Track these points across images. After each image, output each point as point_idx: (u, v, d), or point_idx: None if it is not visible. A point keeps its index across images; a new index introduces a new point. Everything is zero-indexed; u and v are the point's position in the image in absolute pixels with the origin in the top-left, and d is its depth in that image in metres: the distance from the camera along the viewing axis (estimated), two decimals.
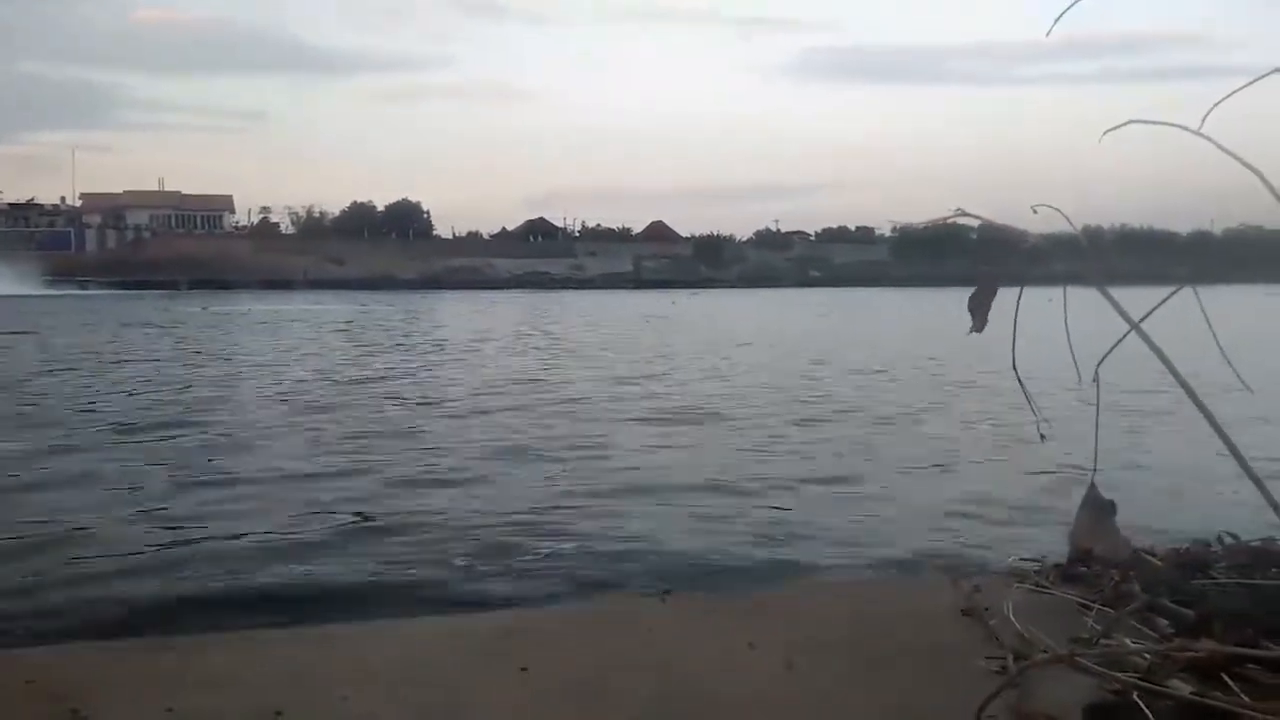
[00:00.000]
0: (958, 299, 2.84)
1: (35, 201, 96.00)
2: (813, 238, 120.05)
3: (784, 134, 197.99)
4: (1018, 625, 3.02)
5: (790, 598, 3.90)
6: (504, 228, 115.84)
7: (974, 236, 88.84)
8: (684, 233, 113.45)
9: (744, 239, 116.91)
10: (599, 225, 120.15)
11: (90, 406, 11.47)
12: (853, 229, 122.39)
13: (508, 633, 3.41)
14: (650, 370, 15.94)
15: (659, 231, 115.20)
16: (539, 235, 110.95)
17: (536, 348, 21.51)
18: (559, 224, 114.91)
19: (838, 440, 8.72)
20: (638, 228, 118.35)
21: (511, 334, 27.04)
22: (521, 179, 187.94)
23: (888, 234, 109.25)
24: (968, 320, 2.69)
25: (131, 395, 12.64)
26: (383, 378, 15.14)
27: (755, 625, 3.39)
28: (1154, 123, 2.76)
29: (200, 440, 8.95)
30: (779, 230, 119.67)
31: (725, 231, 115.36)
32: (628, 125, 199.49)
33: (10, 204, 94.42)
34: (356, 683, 2.92)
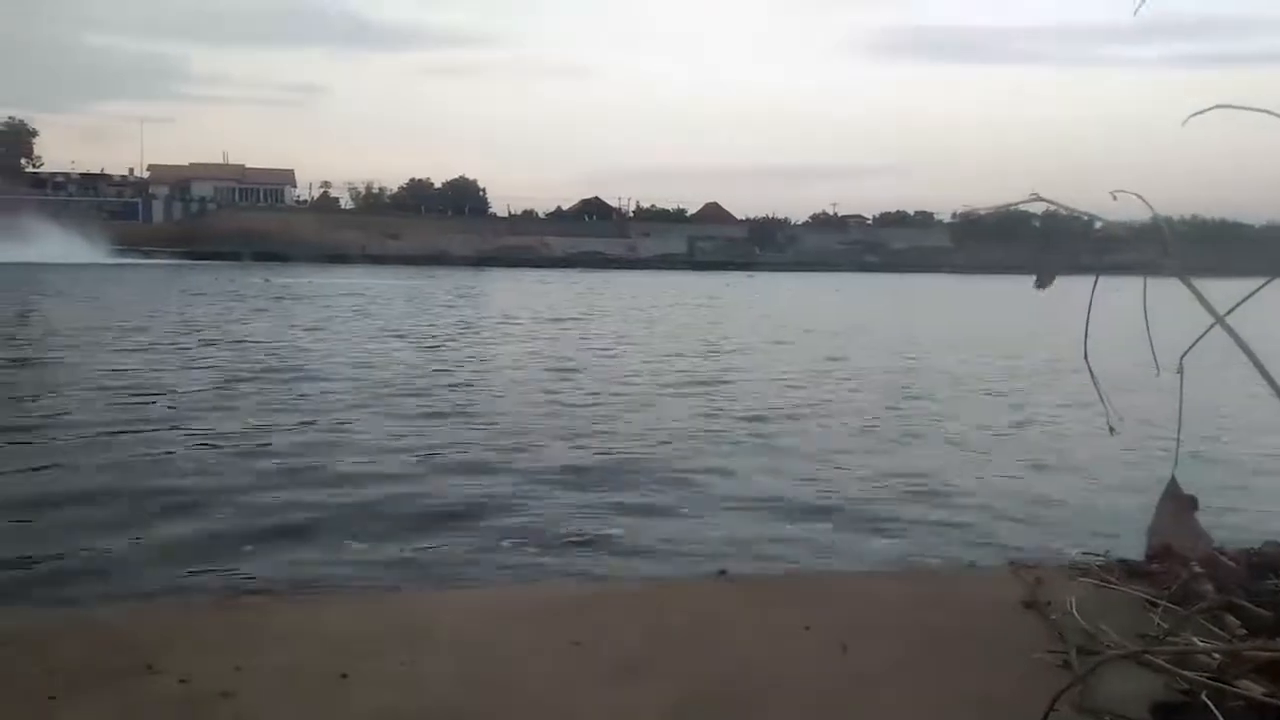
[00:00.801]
0: (1023, 286, 2.80)
1: (105, 172, 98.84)
2: (870, 222, 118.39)
3: (844, 114, 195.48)
4: (1081, 620, 2.97)
5: (850, 581, 3.88)
6: (559, 206, 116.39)
7: (1037, 224, 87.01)
8: (739, 214, 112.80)
9: (799, 222, 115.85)
10: (654, 205, 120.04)
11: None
12: (911, 213, 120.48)
13: (564, 606, 3.45)
14: (728, 364, 15.93)
15: (714, 212, 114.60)
16: (593, 215, 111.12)
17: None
18: (614, 204, 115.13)
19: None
20: (693, 208, 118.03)
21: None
22: (578, 157, 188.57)
23: (947, 219, 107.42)
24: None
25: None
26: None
27: (812, 607, 3.39)
28: (1243, 108, 2.67)
29: None
30: (836, 213, 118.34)
31: (781, 213, 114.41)
32: (686, 103, 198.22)
33: (82, 174, 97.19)
34: (417, 649, 2.98)
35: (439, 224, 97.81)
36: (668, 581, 3.96)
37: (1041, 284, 2.68)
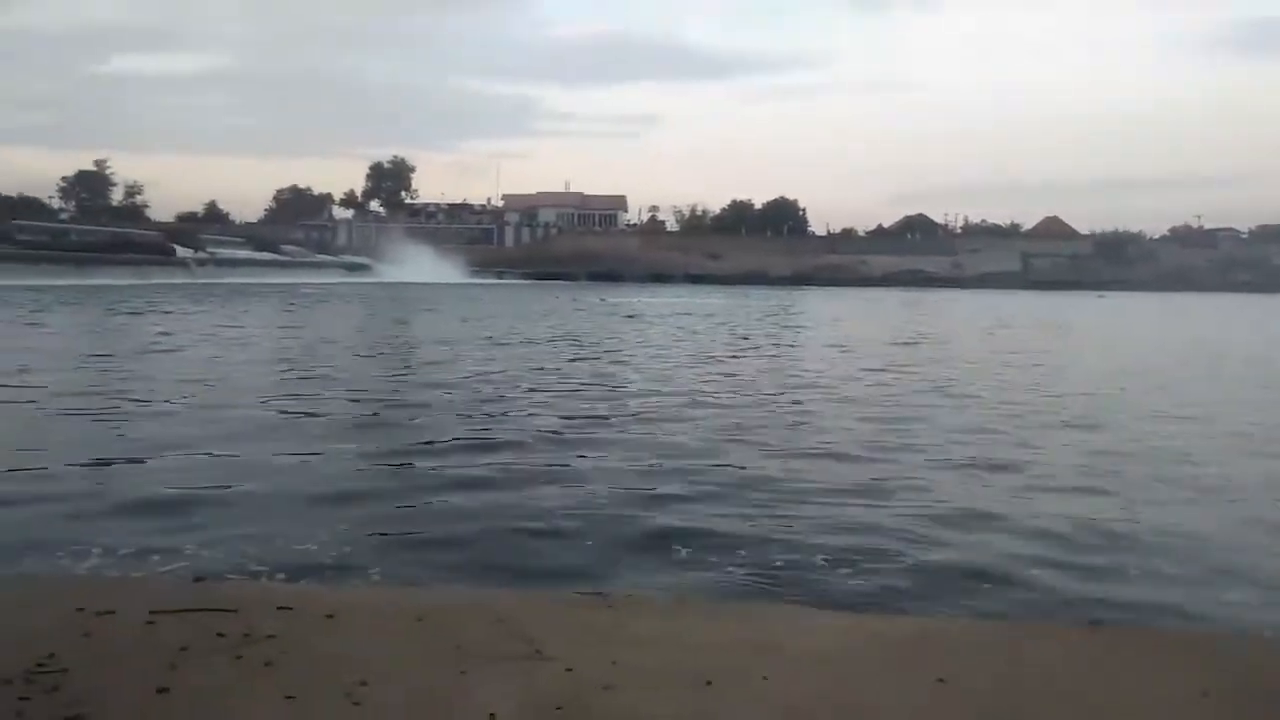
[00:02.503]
0: None
1: (467, 202, 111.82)
2: (1244, 235, 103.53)
3: (1204, 116, 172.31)
4: None
5: (1257, 642, 3.41)
6: (880, 224, 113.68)
7: None
8: (1081, 228, 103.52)
9: (1155, 236, 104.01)
10: (983, 221, 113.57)
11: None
12: None
13: (921, 639, 3.35)
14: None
15: (1052, 227, 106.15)
16: (916, 232, 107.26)
17: None
18: (938, 220, 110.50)
19: None
20: (1028, 223, 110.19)
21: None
22: (900, 174, 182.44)
23: None
24: None
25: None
26: None
27: (1202, 668, 3.02)
28: None
29: None
30: (1200, 226, 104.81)
31: (1132, 227, 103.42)
32: (1017, 113, 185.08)
33: (449, 204, 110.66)
34: (775, 666, 3.03)
35: (758, 244, 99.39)
36: (1036, 624, 3.70)
37: None
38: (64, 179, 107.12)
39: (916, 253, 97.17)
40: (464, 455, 7.03)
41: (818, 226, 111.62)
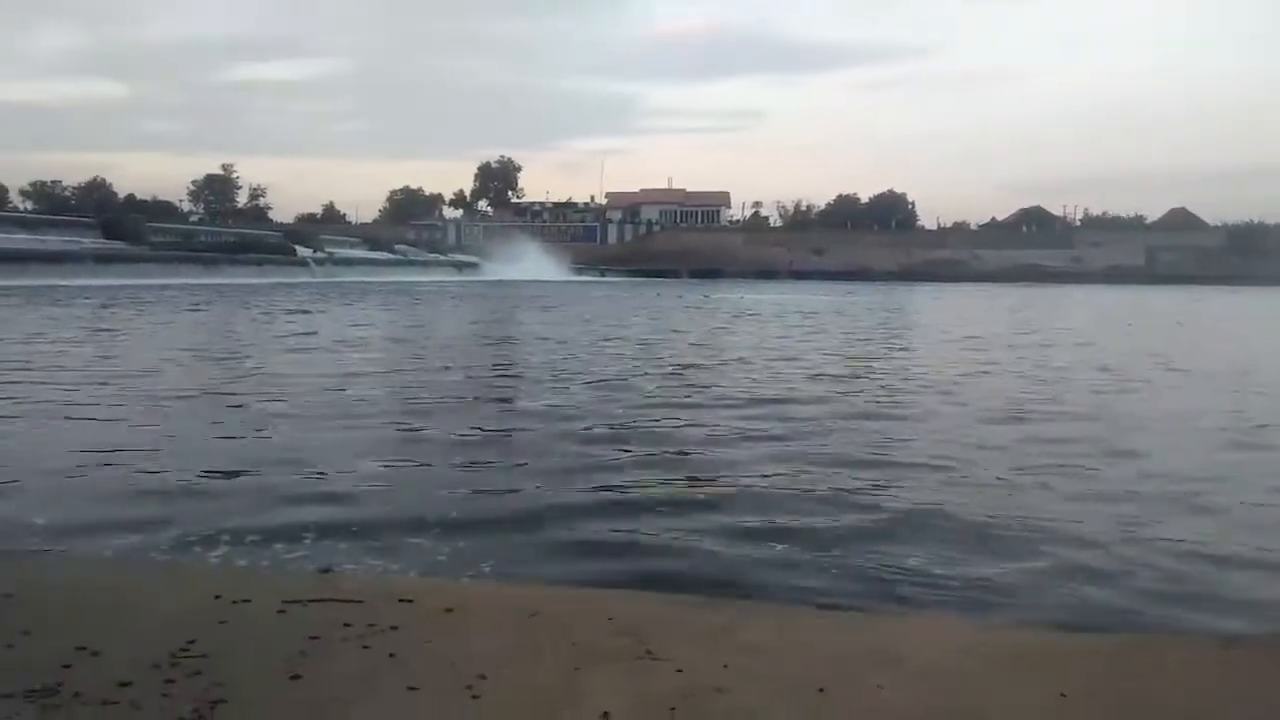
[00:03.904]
0: None
1: (571, 201, 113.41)
2: None
3: None
4: None
5: None
6: (993, 217, 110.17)
7: None
8: (1211, 220, 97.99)
9: None
10: (1104, 213, 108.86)
11: None
12: None
13: (1047, 652, 3.24)
14: None
15: (1179, 219, 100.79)
16: (1033, 225, 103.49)
17: None
18: (1057, 212, 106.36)
19: None
20: (1153, 215, 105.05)
21: None
22: (1015, 166, 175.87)
23: None
24: None
25: None
26: None
27: None
28: None
29: None
30: None
31: (1267, 218, 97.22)
32: (1137, 100, 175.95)
33: (555, 203, 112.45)
34: (891, 675, 2.98)
35: (863, 238, 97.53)
36: (1166, 638, 3.53)
37: None
38: (193, 182, 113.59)
39: (1033, 246, 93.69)
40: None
41: (927, 220, 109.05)
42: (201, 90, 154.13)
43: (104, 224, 51.69)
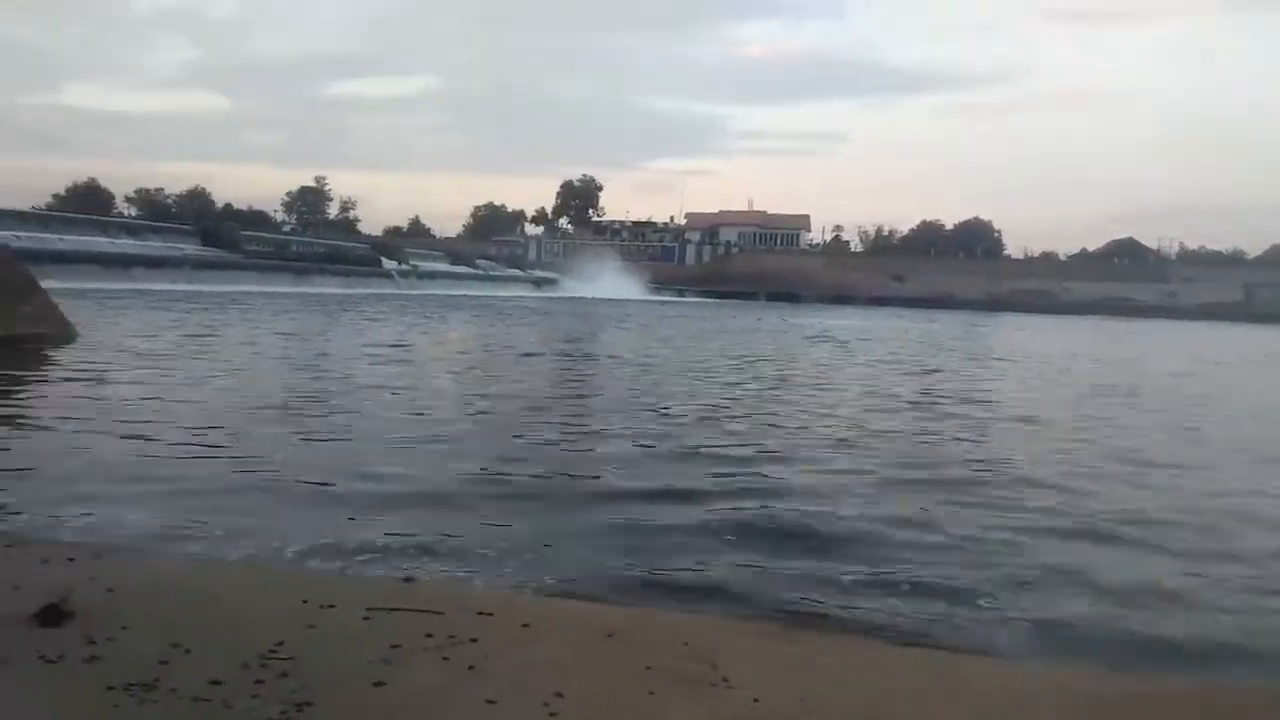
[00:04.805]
0: None
1: (651, 220, 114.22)
2: None
3: None
4: None
5: None
6: (1084, 248, 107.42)
7: None
8: None
9: None
10: (1201, 247, 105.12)
11: None
12: None
13: (1124, 700, 3.13)
14: None
15: None
16: (1125, 257, 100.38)
17: None
18: (1150, 245, 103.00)
19: None
20: (1253, 250, 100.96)
21: None
22: (1107, 195, 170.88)
23: None
24: None
25: None
26: None
27: None
28: None
29: None
30: None
31: None
32: (1236, 130, 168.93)
33: (634, 222, 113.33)
34: (966, 713, 2.92)
35: (947, 265, 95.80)
36: (1226, 688, 3.38)
37: None
38: (288, 194, 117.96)
39: (1124, 279, 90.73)
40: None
41: (1014, 249, 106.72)
42: (300, 105, 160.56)
43: (202, 231, 54.02)
